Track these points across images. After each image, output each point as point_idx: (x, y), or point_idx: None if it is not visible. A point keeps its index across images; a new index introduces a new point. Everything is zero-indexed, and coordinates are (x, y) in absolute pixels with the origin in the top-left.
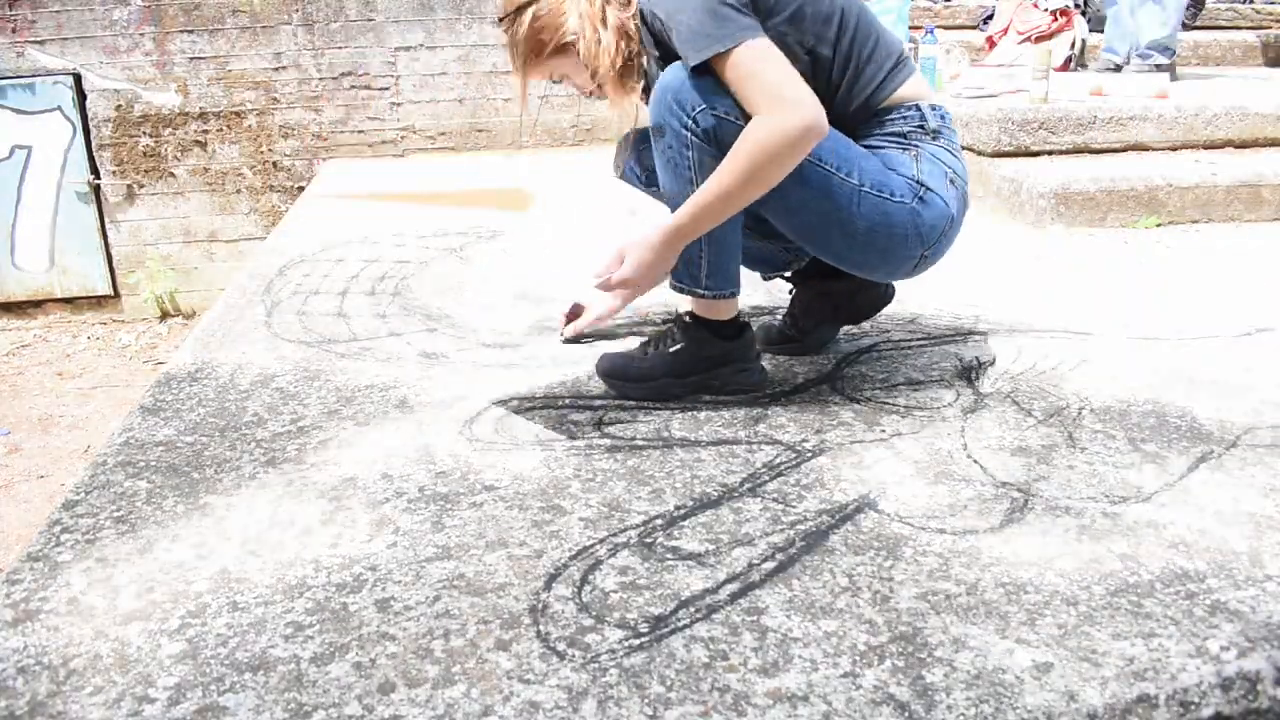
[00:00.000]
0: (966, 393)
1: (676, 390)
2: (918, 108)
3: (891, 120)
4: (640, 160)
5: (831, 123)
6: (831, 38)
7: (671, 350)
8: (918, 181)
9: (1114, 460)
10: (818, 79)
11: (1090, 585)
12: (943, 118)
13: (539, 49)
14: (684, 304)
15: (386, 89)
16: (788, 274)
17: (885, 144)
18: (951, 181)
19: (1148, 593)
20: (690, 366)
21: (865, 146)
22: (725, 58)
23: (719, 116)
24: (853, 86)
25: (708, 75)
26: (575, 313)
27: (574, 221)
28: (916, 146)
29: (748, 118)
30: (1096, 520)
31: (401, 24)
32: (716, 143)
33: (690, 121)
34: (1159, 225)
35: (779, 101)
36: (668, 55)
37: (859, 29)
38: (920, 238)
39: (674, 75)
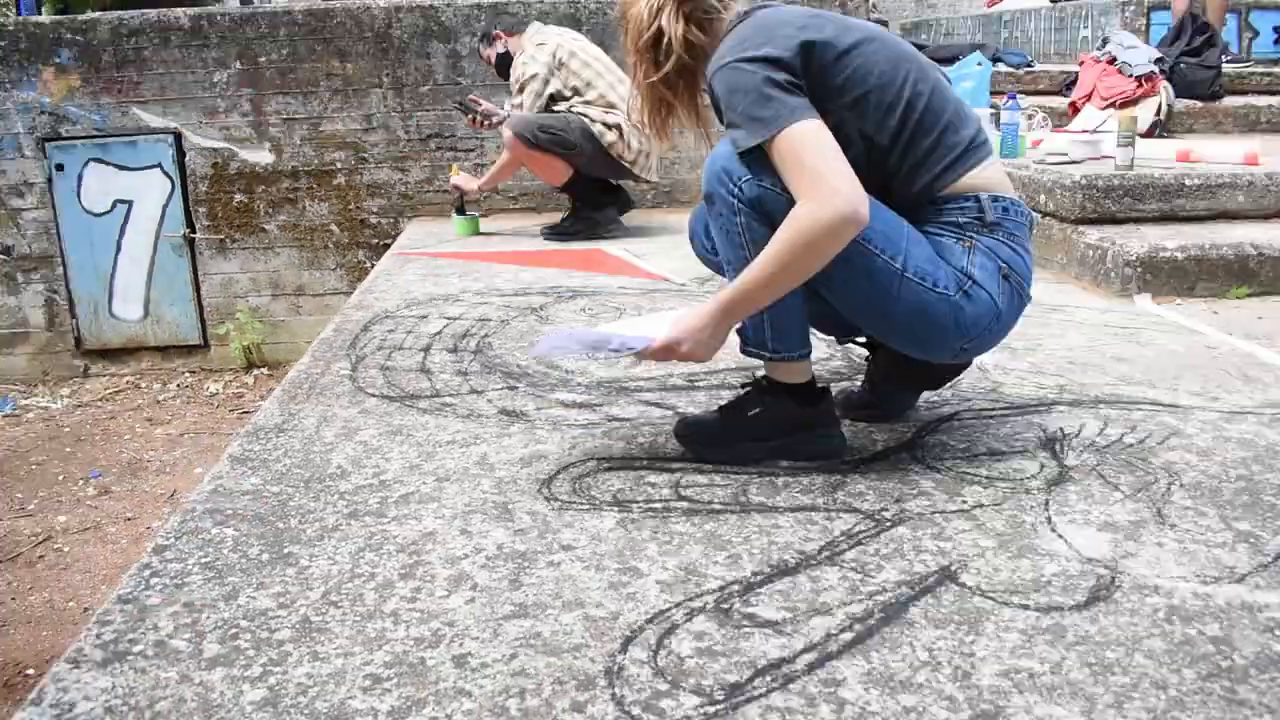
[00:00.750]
0: (1051, 465)
1: (756, 455)
2: (977, 199)
3: (949, 210)
4: (709, 230)
5: (891, 205)
6: (893, 127)
7: (750, 414)
8: (965, 274)
9: (1205, 538)
10: (872, 165)
11: (1180, 669)
12: (1005, 210)
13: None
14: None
15: (471, 150)
16: (861, 339)
17: (942, 232)
18: (1005, 277)
19: (1241, 678)
20: (769, 431)
21: (923, 232)
22: (770, 142)
23: (764, 187)
24: (912, 174)
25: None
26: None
27: (653, 282)
28: (972, 238)
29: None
30: (1187, 600)
31: (487, 88)
32: (763, 213)
33: (737, 190)
34: (1250, 295)
35: (817, 189)
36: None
37: (925, 117)
38: (960, 330)
39: (724, 148)
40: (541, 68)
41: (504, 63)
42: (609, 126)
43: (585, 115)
